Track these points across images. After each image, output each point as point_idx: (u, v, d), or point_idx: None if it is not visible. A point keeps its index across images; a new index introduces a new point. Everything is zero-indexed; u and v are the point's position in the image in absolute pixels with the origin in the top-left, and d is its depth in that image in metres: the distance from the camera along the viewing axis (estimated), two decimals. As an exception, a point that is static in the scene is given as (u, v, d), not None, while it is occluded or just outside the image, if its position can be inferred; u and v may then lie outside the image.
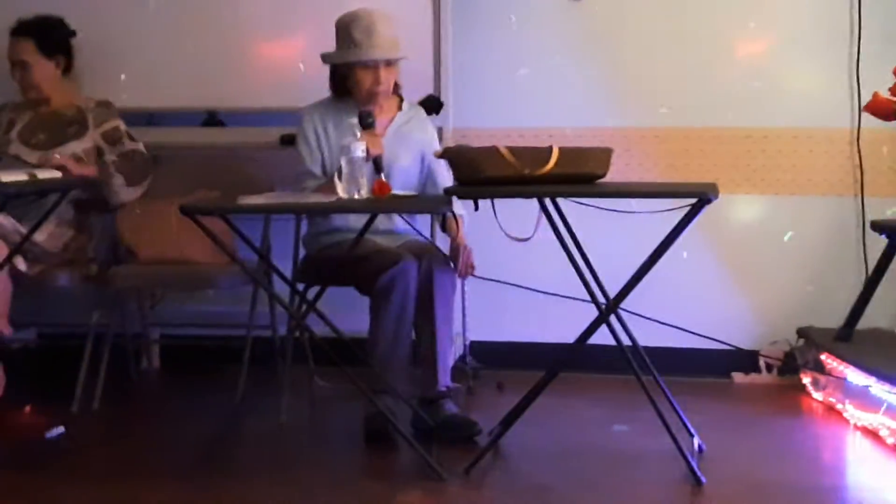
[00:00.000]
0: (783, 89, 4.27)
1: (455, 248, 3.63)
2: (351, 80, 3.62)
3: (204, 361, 4.42)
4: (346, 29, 3.59)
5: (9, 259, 3.56)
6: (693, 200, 2.96)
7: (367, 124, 3.48)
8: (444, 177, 3.70)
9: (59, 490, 3.00)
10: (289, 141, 4.04)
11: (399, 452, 3.36)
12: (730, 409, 3.89)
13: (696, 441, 3.25)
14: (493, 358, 4.29)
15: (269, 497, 2.97)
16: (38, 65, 4.01)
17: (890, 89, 3.49)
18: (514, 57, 4.41)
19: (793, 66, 4.28)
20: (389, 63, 3.60)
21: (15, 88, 4.09)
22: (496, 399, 3.96)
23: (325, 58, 3.66)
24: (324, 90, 3.74)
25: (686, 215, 2.98)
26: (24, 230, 3.66)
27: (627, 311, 3.33)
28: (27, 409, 3.77)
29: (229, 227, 3.30)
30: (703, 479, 2.98)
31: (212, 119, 4.42)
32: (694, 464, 3.02)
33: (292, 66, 4.19)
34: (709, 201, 2.94)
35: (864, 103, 3.87)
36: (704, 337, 4.25)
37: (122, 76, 4.32)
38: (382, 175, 3.36)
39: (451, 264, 3.56)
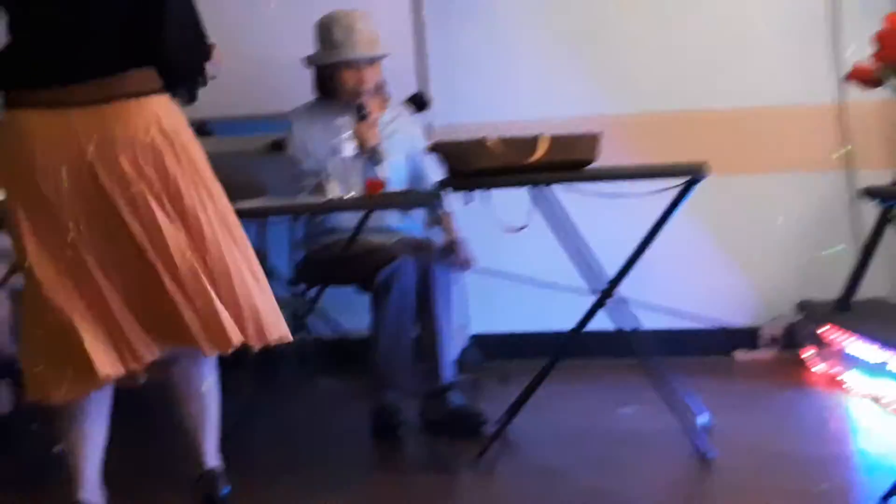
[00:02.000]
0: (766, 68, 4.28)
1: (450, 242, 3.64)
2: (335, 81, 3.64)
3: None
4: (326, 30, 3.60)
5: (7, 278, 3.56)
6: (684, 180, 2.99)
7: (361, 116, 3.51)
8: (433, 172, 3.72)
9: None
10: (278, 146, 4.06)
11: (408, 446, 3.38)
12: (733, 386, 3.91)
13: (701, 418, 3.27)
14: (495, 350, 4.29)
15: (283, 495, 2.99)
16: None
17: (871, 56, 3.50)
18: (497, 49, 4.41)
19: (774, 44, 4.29)
20: (372, 61, 3.61)
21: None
22: (500, 390, 3.95)
23: (308, 60, 3.68)
24: (310, 93, 3.75)
25: (678, 195, 3.00)
26: None
27: (625, 299, 3.34)
28: (34, 425, 3.77)
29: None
30: (712, 455, 3.00)
31: (201, 129, 4.43)
32: (701, 440, 3.03)
33: (278, 71, 4.20)
34: (699, 179, 2.96)
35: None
36: (703, 318, 4.27)
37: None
38: (379, 166, 3.39)
39: (448, 258, 3.58)
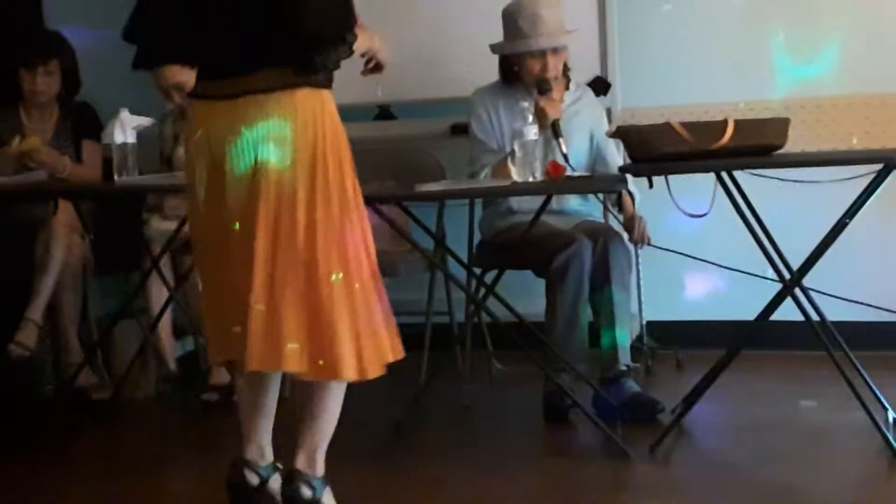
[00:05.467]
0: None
1: (630, 218, 3.63)
2: (519, 69, 3.65)
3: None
4: (511, 18, 3.62)
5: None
6: (878, 167, 2.89)
7: (544, 90, 3.52)
8: (615, 156, 3.72)
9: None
10: (459, 130, 4.12)
11: (580, 431, 3.39)
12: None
13: (890, 415, 3.15)
14: (669, 337, 4.24)
15: (459, 475, 3.05)
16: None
17: None
18: (680, 33, 4.34)
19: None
20: (556, 50, 3.61)
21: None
22: (675, 378, 3.93)
23: (494, 48, 3.71)
24: (492, 78, 3.78)
25: (871, 182, 2.91)
26: None
27: (812, 290, 3.24)
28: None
29: (406, 215, 3.40)
30: (900, 453, 2.90)
31: (384, 113, 4.54)
32: (890, 437, 2.93)
33: (460, 55, 4.25)
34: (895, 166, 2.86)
35: None
36: (891, 311, 4.09)
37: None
38: (561, 140, 3.41)
39: (627, 238, 3.57)
